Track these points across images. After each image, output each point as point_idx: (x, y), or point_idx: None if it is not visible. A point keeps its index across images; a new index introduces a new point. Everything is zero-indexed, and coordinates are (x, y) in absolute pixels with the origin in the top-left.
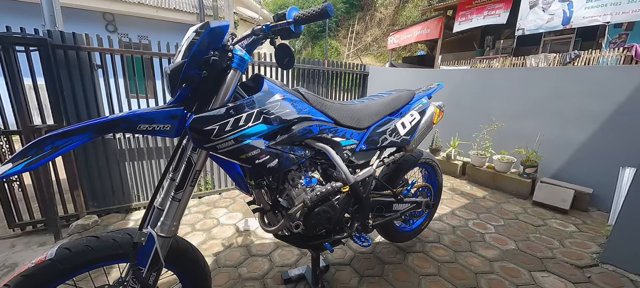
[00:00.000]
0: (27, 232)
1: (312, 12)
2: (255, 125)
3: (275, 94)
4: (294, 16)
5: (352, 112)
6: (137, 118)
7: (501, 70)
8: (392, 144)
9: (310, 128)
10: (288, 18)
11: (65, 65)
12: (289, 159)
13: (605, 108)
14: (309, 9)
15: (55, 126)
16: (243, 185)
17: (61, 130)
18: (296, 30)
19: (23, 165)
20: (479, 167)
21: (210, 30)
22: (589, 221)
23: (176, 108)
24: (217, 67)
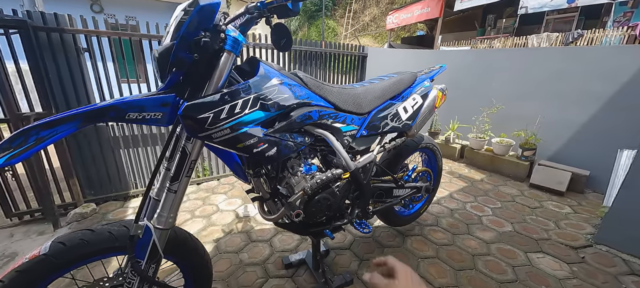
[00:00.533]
0: (25, 221)
1: None
2: (253, 112)
3: (273, 78)
4: None
5: (353, 97)
6: (125, 106)
7: (503, 50)
8: (394, 129)
9: (309, 114)
10: None
11: (49, 48)
12: (288, 147)
13: (606, 89)
14: None
15: (44, 113)
16: (241, 174)
17: (46, 120)
18: (294, 8)
19: (5, 158)
20: (477, 150)
21: (200, 9)
22: (585, 203)
23: (167, 95)
24: (208, 50)
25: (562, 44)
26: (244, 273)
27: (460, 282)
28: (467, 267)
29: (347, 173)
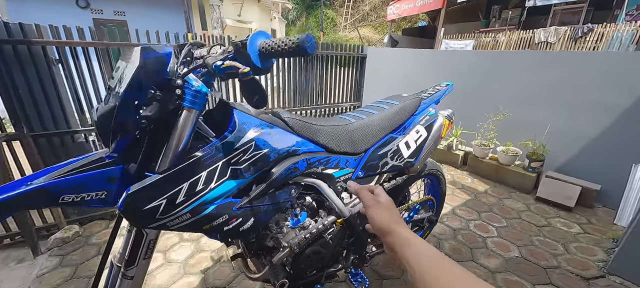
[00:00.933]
0: (4, 244)
1: (283, 47)
2: (221, 185)
3: (248, 130)
4: (258, 47)
5: (347, 135)
6: (56, 188)
7: (511, 53)
8: (394, 169)
9: (295, 165)
10: (249, 51)
11: (17, 61)
12: (268, 212)
13: (622, 100)
14: (280, 41)
15: (16, 134)
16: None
17: None
18: (264, 66)
19: None
20: (481, 158)
21: (144, 62)
22: (594, 220)
23: (112, 168)
24: (163, 109)
25: (570, 39)
26: None
27: None
28: None
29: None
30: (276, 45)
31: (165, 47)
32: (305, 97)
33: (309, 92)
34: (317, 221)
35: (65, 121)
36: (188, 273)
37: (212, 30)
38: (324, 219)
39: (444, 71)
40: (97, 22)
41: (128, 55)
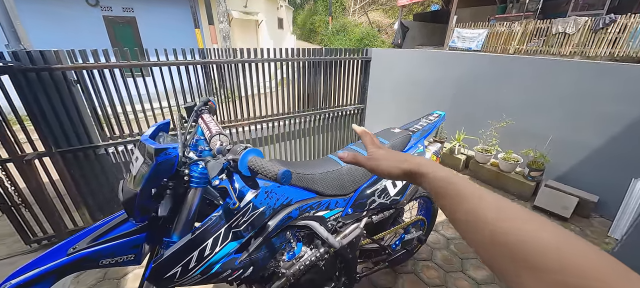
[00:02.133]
0: (43, 245)
1: (265, 173)
2: (224, 247)
3: (246, 193)
4: (247, 163)
5: (337, 179)
6: (97, 255)
7: (520, 59)
8: (381, 206)
9: (289, 215)
10: (239, 167)
11: (40, 85)
12: (266, 258)
13: (626, 112)
14: (264, 168)
15: (45, 152)
16: None
17: (24, 280)
18: (250, 178)
19: None
20: (482, 163)
21: (157, 166)
22: (588, 231)
23: (137, 236)
24: (175, 199)
25: (590, 31)
26: None
27: None
28: None
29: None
30: (260, 169)
31: (173, 149)
32: (310, 102)
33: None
34: (312, 251)
35: (87, 136)
36: None
37: (219, 23)
38: (316, 251)
39: (450, 73)
40: (107, 19)
41: (143, 149)
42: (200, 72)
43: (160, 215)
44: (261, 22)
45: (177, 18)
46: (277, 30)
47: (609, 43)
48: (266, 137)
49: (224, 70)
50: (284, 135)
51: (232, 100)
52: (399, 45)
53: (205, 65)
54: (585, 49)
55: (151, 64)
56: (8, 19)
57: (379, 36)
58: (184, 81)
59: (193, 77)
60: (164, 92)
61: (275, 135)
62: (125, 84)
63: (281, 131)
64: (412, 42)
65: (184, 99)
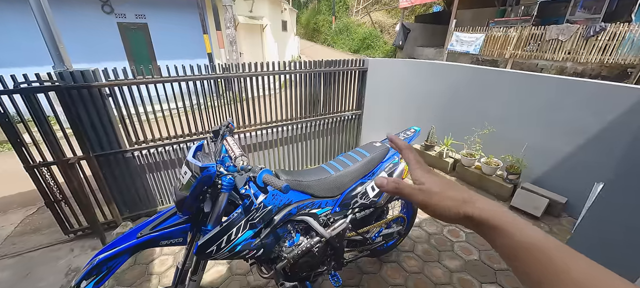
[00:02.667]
0: (79, 236)
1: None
2: (244, 234)
3: (259, 196)
4: (263, 179)
5: (328, 184)
6: (159, 237)
7: (504, 73)
8: (362, 206)
9: (289, 212)
10: (258, 181)
11: (80, 100)
12: (272, 243)
13: (593, 124)
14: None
15: (84, 156)
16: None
17: (109, 255)
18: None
19: (92, 284)
20: (467, 167)
21: (202, 178)
22: (556, 229)
23: (184, 225)
24: (212, 196)
25: (581, 38)
26: None
27: None
28: None
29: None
30: (270, 183)
31: (212, 167)
32: (311, 109)
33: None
34: (307, 240)
35: (117, 142)
36: (217, 264)
37: (226, 29)
38: (311, 240)
39: (441, 83)
40: (121, 26)
41: (192, 168)
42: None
43: (206, 210)
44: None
45: (186, 24)
46: (281, 33)
47: (599, 50)
48: (271, 141)
49: (232, 83)
50: (287, 139)
51: (238, 105)
52: (400, 47)
53: (214, 79)
54: (577, 55)
55: (169, 80)
56: (54, 42)
57: (382, 37)
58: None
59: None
60: (179, 94)
61: (278, 139)
62: (147, 91)
63: (284, 136)
64: (413, 44)
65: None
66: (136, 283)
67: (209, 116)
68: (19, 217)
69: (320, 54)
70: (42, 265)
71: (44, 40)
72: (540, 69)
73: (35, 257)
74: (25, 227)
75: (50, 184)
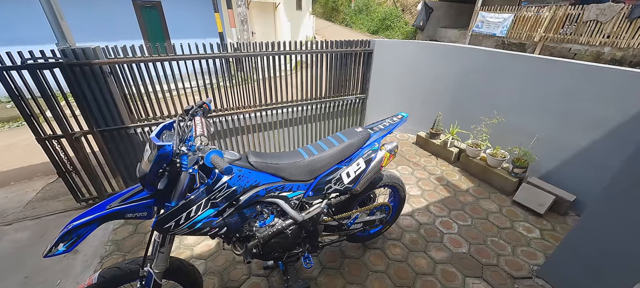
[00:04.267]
0: (89, 204)
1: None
2: (204, 212)
3: (222, 177)
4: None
5: (300, 168)
6: (125, 210)
7: (520, 57)
8: (336, 191)
9: (257, 193)
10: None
11: (83, 76)
12: (237, 222)
13: (611, 116)
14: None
15: (88, 131)
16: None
17: (79, 223)
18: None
19: (65, 247)
20: (472, 157)
21: (158, 156)
22: (559, 228)
23: (149, 200)
24: (171, 177)
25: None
26: (234, 270)
27: None
28: (405, 285)
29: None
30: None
31: (168, 146)
32: (315, 92)
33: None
34: (280, 221)
35: (119, 118)
36: (207, 238)
37: (237, 7)
38: (283, 222)
39: (451, 67)
40: (136, 4)
41: (152, 146)
42: (217, 61)
43: (159, 188)
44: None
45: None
46: (296, 12)
47: None
48: (274, 122)
49: (241, 62)
50: (289, 121)
51: (244, 86)
52: (421, 28)
53: (224, 58)
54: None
55: (177, 58)
56: (56, 19)
57: (403, 16)
58: (204, 66)
59: (212, 63)
60: (187, 73)
61: (281, 121)
62: (155, 69)
63: (287, 118)
64: (436, 24)
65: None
66: (134, 250)
67: (217, 96)
68: (41, 184)
69: (337, 35)
70: (55, 228)
71: (47, 17)
72: (573, 55)
73: (50, 221)
74: (45, 194)
75: (61, 156)
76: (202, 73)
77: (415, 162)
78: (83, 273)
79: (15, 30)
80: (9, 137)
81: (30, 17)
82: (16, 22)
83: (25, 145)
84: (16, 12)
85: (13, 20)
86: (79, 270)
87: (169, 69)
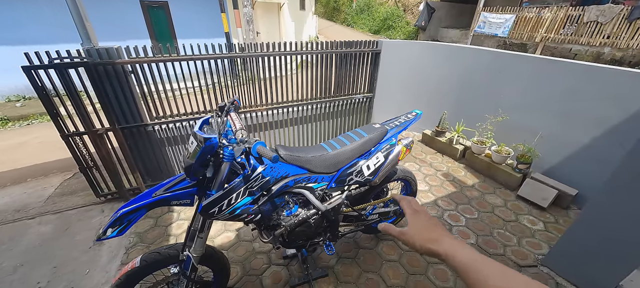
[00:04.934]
0: (108, 199)
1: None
2: (243, 200)
3: (257, 168)
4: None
5: (324, 161)
6: (171, 197)
7: (524, 58)
8: (357, 183)
9: (286, 184)
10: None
11: (106, 75)
12: (269, 210)
13: (612, 114)
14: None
15: (110, 128)
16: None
17: (130, 209)
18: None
19: (116, 232)
20: (477, 154)
21: (205, 148)
22: (561, 220)
23: (192, 188)
24: (215, 167)
25: (624, 20)
26: (254, 259)
27: (408, 284)
28: (418, 272)
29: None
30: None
31: (214, 138)
32: (324, 91)
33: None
34: (304, 211)
35: (139, 116)
36: (227, 230)
37: (243, 8)
38: (308, 211)
39: (456, 67)
40: (143, 4)
41: (195, 137)
42: (226, 61)
43: (208, 176)
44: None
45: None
46: (299, 12)
47: None
48: (284, 120)
49: (248, 62)
50: (298, 120)
51: (254, 84)
52: (423, 28)
53: (230, 58)
54: (617, 40)
55: (186, 58)
56: (81, 20)
57: (404, 16)
58: (213, 66)
59: (221, 63)
60: (196, 72)
61: (290, 119)
62: (166, 69)
63: (296, 116)
64: (437, 25)
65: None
66: (156, 241)
67: (226, 94)
68: (58, 180)
69: (339, 35)
70: (78, 221)
71: (73, 19)
72: (573, 55)
73: (72, 215)
74: (64, 189)
75: (82, 152)
76: (218, 72)
77: (422, 159)
78: (110, 263)
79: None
80: (20, 135)
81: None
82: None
83: (38, 143)
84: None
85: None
86: (105, 260)
87: (179, 68)
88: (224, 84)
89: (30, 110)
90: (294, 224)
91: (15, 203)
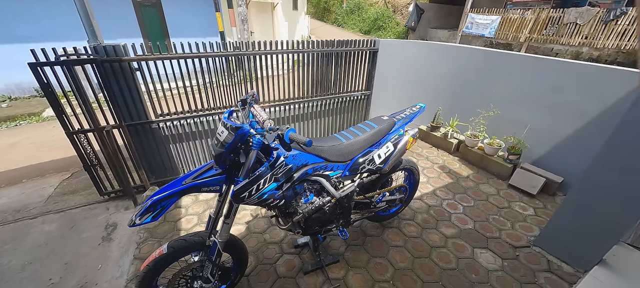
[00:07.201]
0: (112, 198)
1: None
2: (269, 185)
3: (281, 156)
4: (289, 136)
5: (339, 150)
6: (201, 185)
7: (513, 56)
8: (369, 171)
9: (306, 171)
10: (285, 137)
11: (112, 72)
12: (291, 196)
13: (593, 107)
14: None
15: (116, 125)
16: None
17: (163, 196)
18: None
19: (150, 218)
20: (471, 147)
21: (236, 136)
22: (549, 206)
23: (221, 175)
24: (246, 154)
25: (600, 22)
26: (266, 249)
27: (414, 266)
28: (423, 256)
29: (334, 199)
30: (295, 139)
31: (246, 127)
32: (321, 88)
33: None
34: (320, 199)
35: (144, 113)
36: (237, 223)
37: (237, 7)
38: (323, 199)
39: (450, 65)
40: (136, 2)
41: (228, 127)
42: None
43: (242, 162)
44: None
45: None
46: (292, 12)
47: (618, 35)
48: (282, 118)
49: (243, 61)
50: (296, 117)
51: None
52: (412, 28)
53: (225, 57)
54: (594, 40)
55: (186, 56)
56: (88, 19)
57: (394, 17)
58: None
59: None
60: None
61: (288, 116)
62: (164, 67)
63: (293, 113)
64: (426, 25)
65: (203, 76)
66: (166, 236)
67: (225, 92)
68: (56, 180)
69: (330, 35)
70: (83, 219)
71: (80, 16)
72: (555, 54)
73: (76, 213)
74: (64, 189)
75: (87, 150)
76: (214, 71)
77: (418, 153)
78: (121, 258)
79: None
80: (9, 136)
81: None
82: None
83: (29, 143)
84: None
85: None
86: (116, 255)
87: (177, 66)
88: (223, 82)
89: (17, 110)
90: (311, 211)
91: (15, 203)
